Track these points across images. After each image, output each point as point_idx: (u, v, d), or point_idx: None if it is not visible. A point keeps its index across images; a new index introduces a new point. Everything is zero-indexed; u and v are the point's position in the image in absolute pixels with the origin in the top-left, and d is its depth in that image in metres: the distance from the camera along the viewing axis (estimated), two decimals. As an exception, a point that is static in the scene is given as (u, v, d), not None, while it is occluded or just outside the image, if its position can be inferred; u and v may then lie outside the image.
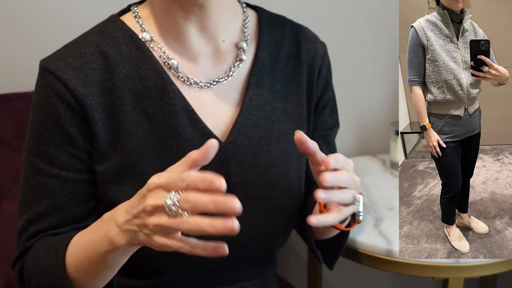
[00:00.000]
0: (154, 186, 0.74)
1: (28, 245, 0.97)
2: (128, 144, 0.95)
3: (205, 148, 0.74)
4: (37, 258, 0.94)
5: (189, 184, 0.71)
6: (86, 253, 0.87)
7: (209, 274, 1.03)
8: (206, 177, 0.70)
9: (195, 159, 0.74)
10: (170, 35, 0.97)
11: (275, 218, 1.03)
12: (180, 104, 0.96)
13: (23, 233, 0.98)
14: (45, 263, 0.92)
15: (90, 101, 0.93)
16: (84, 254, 0.87)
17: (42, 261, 0.93)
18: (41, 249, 0.94)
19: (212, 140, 0.73)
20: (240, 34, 1.02)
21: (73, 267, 0.90)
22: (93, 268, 0.87)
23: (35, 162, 0.95)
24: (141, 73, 0.96)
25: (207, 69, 0.99)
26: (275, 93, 1.03)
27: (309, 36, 1.09)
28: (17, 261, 0.99)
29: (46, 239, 0.95)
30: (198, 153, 0.74)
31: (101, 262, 0.85)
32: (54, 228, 0.97)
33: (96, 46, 0.95)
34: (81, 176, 0.96)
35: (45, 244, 0.94)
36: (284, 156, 1.03)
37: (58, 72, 0.92)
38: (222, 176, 0.97)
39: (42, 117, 0.94)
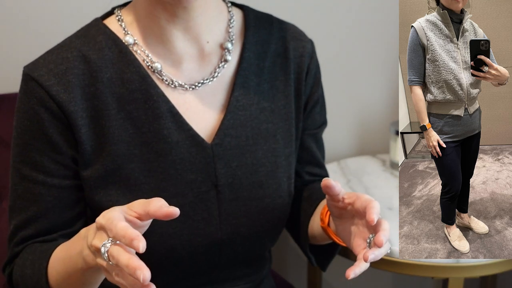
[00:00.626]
0: (99, 225, 0.75)
1: (16, 251, 0.98)
2: (113, 149, 0.95)
3: (168, 212, 0.73)
4: (24, 266, 0.94)
5: (114, 236, 0.72)
6: (64, 267, 0.87)
7: (201, 274, 1.03)
8: (127, 234, 0.70)
9: (151, 213, 0.74)
10: (153, 38, 0.97)
11: (265, 218, 1.03)
12: (165, 107, 0.96)
13: (12, 239, 0.99)
14: (30, 272, 0.93)
15: (73, 107, 0.92)
16: (63, 268, 0.88)
17: (28, 269, 0.93)
18: (28, 257, 0.94)
19: (176, 210, 0.73)
20: (225, 34, 1.02)
21: (54, 279, 0.90)
22: (72, 282, 0.87)
23: (21, 168, 0.95)
24: (124, 77, 0.95)
25: (192, 71, 0.99)
26: (262, 92, 1.02)
27: (297, 34, 1.08)
28: (6, 266, 1.00)
29: (34, 247, 0.96)
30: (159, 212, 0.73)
31: (79, 277, 0.85)
32: (41, 234, 0.97)
33: (78, 51, 0.95)
34: (66, 182, 0.96)
35: (31, 253, 0.95)
36: (272, 155, 1.03)
37: (40, 79, 0.92)
38: (209, 176, 0.98)
39: (26, 124, 0.94)
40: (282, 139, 1.04)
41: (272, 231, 1.06)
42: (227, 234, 1.01)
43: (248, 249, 1.04)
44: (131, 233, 0.69)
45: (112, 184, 0.95)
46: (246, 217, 1.01)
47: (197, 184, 0.98)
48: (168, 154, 0.96)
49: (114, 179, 0.95)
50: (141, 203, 0.75)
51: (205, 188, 0.98)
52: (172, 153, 0.96)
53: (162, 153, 0.96)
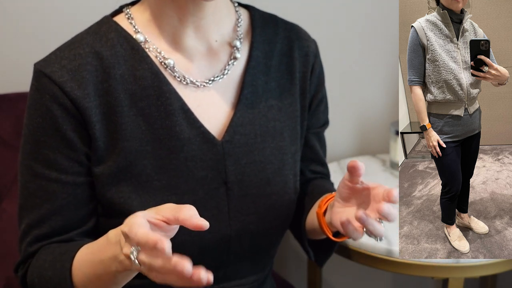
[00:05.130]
0: (123, 233, 0.75)
1: (30, 250, 0.97)
2: (125, 145, 0.95)
3: (198, 224, 0.73)
4: (42, 268, 0.93)
5: (138, 244, 0.72)
6: (93, 269, 0.87)
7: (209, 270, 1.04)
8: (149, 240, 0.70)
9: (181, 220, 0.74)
10: (164, 36, 0.97)
11: (272, 215, 1.03)
12: (177, 104, 0.96)
13: (24, 238, 0.98)
14: (50, 273, 0.92)
15: (87, 103, 0.92)
16: (91, 270, 0.87)
17: (48, 271, 0.92)
18: (46, 258, 0.94)
19: (206, 223, 0.73)
20: (232, 34, 1.02)
21: (80, 280, 0.90)
22: (102, 283, 0.87)
23: (33, 166, 0.95)
24: (137, 73, 0.95)
25: (203, 68, 0.99)
26: (269, 91, 1.03)
27: (301, 34, 1.09)
28: (19, 266, 0.99)
29: (51, 248, 0.95)
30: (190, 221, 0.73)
31: (111, 278, 0.85)
32: (56, 233, 0.96)
33: (91, 47, 0.94)
34: (80, 179, 0.96)
35: (50, 254, 0.94)
36: (279, 153, 1.03)
37: (53, 75, 0.92)
38: (219, 173, 0.98)
39: (39, 121, 0.93)
40: (288, 137, 1.05)
41: (279, 228, 1.07)
42: (236, 231, 1.01)
43: (255, 246, 1.05)
44: (152, 238, 0.70)
45: (124, 181, 0.95)
46: (254, 214, 1.02)
47: (207, 181, 0.98)
48: (180, 151, 0.96)
49: (126, 176, 0.95)
50: (171, 208, 0.75)
51: (215, 185, 0.99)
52: (183, 150, 0.96)
53: (174, 150, 0.96)
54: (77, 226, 0.97)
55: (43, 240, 0.96)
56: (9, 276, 1.32)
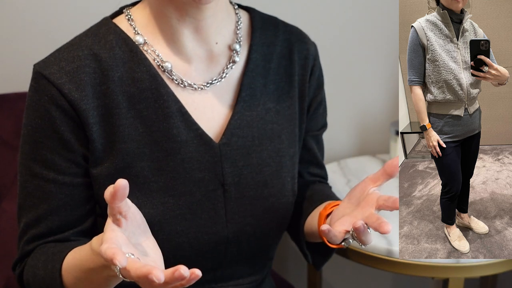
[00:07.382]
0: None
1: (27, 249, 0.98)
2: (123, 147, 0.95)
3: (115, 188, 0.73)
4: (36, 267, 0.94)
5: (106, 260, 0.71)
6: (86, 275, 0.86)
7: (205, 272, 1.04)
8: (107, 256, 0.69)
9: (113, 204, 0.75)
10: (164, 37, 0.97)
11: (270, 217, 1.04)
12: (174, 107, 0.96)
13: (22, 237, 0.99)
14: (42, 273, 0.93)
15: (84, 105, 0.93)
16: (83, 275, 0.86)
17: (40, 270, 0.93)
18: (40, 258, 0.94)
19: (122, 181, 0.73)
20: (233, 36, 1.02)
21: (71, 282, 0.90)
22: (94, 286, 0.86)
23: (31, 166, 0.95)
24: (135, 76, 0.96)
25: (201, 71, 0.99)
26: (267, 93, 1.03)
27: (301, 37, 1.09)
28: (17, 265, 1.00)
29: (46, 247, 0.96)
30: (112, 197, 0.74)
31: (103, 282, 0.84)
32: (52, 232, 0.97)
33: (89, 49, 0.95)
34: (77, 180, 0.96)
35: (44, 254, 0.95)
36: (277, 155, 1.04)
37: (52, 76, 0.92)
38: (216, 175, 0.99)
39: (37, 122, 0.94)
40: (286, 139, 1.05)
41: (277, 230, 1.07)
42: (233, 233, 1.01)
43: (253, 248, 1.05)
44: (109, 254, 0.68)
45: None
46: (251, 216, 1.02)
47: (204, 183, 0.99)
48: (177, 153, 0.97)
49: (123, 177, 0.95)
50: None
51: (212, 187, 0.99)
52: (181, 152, 0.97)
53: (171, 152, 0.96)
54: (73, 225, 0.98)
55: (40, 239, 0.97)
56: (9, 276, 1.33)
